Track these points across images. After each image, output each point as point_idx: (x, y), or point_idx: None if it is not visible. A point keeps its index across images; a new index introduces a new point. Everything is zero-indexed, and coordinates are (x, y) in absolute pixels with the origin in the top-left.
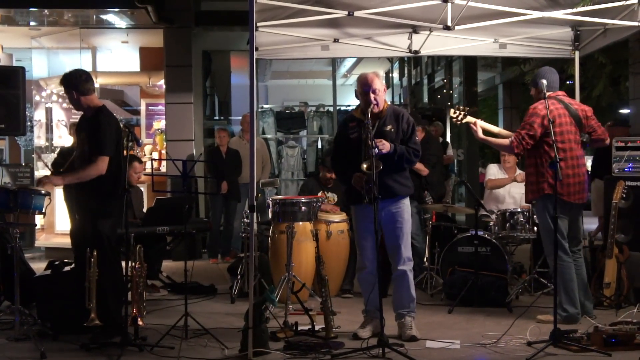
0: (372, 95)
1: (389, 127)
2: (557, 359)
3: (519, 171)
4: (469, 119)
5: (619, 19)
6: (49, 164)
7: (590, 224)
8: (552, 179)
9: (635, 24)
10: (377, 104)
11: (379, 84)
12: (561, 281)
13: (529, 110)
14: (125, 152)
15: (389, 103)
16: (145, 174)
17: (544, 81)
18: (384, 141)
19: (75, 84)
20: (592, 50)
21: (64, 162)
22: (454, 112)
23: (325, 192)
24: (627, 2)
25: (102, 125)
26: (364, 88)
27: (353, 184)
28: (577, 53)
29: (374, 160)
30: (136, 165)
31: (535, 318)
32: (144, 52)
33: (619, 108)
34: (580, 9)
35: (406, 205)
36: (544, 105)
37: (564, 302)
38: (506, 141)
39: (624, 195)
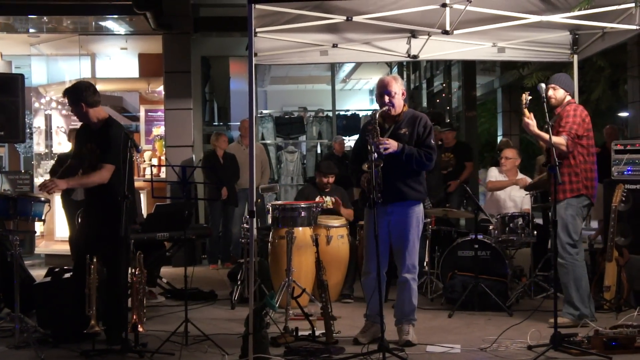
0: (386, 98)
1: (403, 131)
2: None
3: (521, 175)
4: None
5: (617, 23)
6: (47, 171)
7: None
8: (587, 180)
9: (634, 27)
10: (393, 106)
11: (396, 87)
12: (572, 279)
13: (568, 112)
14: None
15: (410, 107)
16: (144, 180)
17: (543, 85)
18: (390, 140)
19: (85, 96)
20: (591, 53)
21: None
22: (524, 99)
23: (324, 197)
24: (625, 6)
25: (113, 137)
26: (380, 90)
27: (361, 185)
28: (575, 57)
29: (372, 159)
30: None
31: (547, 322)
32: (143, 58)
33: (618, 111)
34: (577, 12)
35: (416, 211)
36: (581, 109)
37: (576, 300)
38: (560, 139)
39: (624, 199)
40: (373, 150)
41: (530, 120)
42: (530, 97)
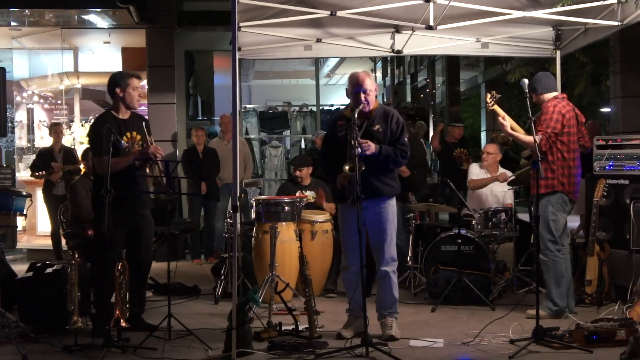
0: (362, 95)
1: (377, 127)
2: (539, 356)
3: (501, 170)
4: (497, 109)
5: (600, 19)
6: (29, 166)
7: (572, 221)
8: (563, 177)
9: (615, 23)
10: (368, 104)
11: (370, 83)
12: (553, 276)
13: (547, 108)
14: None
15: (380, 103)
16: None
17: (525, 80)
18: (369, 142)
19: None
20: (573, 49)
21: (42, 164)
22: (489, 98)
23: (304, 191)
24: (607, 2)
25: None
26: (355, 88)
27: (338, 185)
28: (558, 52)
29: (357, 162)
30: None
31: (525, 313)
32: (126, 53)
33: (600, 107)
34: (560, 8)
35: (391, 205)
36: (562, 104)
37: (555, 296)
38: (532, 138)
39: (605, 193)
40: (356, 145)
41: (505, 121)
42: (498, 96)
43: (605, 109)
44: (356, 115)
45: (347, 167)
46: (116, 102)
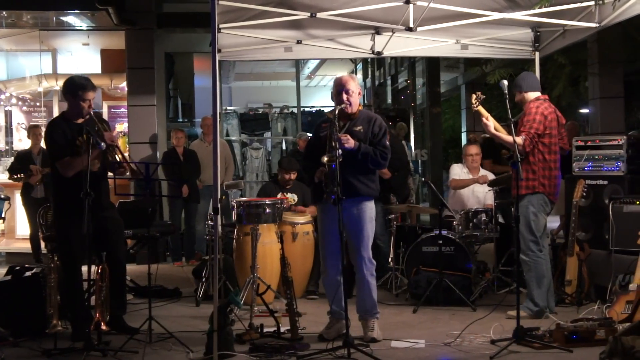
0: (344, 96)
1: (358, 128)
2: (520, 356)
3: (482, 172)
4: (482, 110)
5: (578, 20)
6: (7, 168)
7: (552, 222)
8: (544, 178)
9: (593, 25)
10: (350, 104)
11: (353, 85)
12: (535, 276)
13: (530, 109)
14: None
15: (363, 107)
16: (108, 178)
17: (505, 82)
18: (348, 136)
19: None
20: (552, 51)
21: (21, 167)
22: (475, 99)
23: (285, 194)
24: (585, 4)
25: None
26: (338, 88)
27: (315, 178)
28: (537, 54)
29: (336, 155)
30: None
31: (505, 314)
32: (106, 54)
33: (579, 108)
34: (538, 10)
35: (369, 207)
36: (544, 106)
37: (536, 296)
38: (518, 139)
39: (584, 194)
40: (337, 146)
41: (488, 122)
42: (483, 97)
43: (584, 110)
44: (337, 112)
45: (325, 158)
46: (68, 107)
